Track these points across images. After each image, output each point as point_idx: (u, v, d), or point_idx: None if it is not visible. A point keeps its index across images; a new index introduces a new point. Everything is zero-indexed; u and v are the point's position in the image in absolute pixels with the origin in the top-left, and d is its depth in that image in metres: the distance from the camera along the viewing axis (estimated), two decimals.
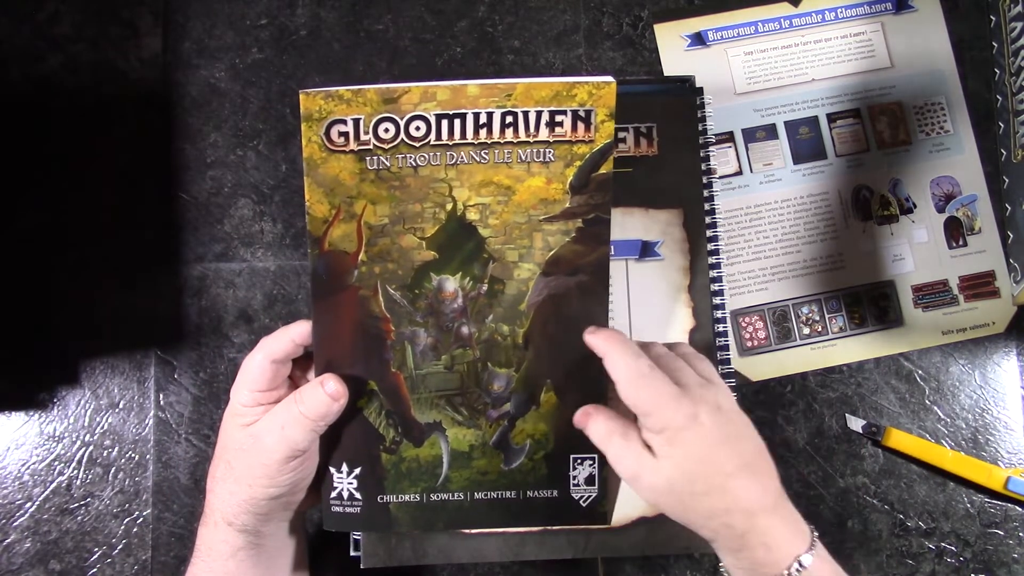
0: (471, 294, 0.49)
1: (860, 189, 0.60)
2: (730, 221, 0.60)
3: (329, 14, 0.61)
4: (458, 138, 0.46)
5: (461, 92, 0.45)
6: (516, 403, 0.50)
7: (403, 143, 0.46)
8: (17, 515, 0.56)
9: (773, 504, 0.43)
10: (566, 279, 0.49)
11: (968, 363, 0.59)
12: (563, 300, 0.49)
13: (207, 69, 0.60)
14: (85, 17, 0.60)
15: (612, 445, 0.45)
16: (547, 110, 0.46)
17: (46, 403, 0.57)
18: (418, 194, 0.47)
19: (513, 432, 0.50)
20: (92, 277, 0.58)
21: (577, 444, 0.47)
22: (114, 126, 0.59)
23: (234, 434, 0.45)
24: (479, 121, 0.46)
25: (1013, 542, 0.57)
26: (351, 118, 0.45)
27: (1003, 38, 0.60)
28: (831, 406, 0.58)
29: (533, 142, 0.47)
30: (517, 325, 0.49)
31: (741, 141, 0.60)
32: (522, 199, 0.48)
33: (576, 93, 0.46)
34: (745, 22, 0.62)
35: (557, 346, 0.49)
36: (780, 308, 0.59)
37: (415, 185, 0.47)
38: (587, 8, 0.61)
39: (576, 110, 0.47)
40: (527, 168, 0.47)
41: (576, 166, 0.48)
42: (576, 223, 0.48)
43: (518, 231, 0.48)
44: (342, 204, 0.47)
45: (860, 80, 0.61)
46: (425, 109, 0.45)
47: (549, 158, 0.47)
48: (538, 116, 0.46)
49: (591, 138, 0.47)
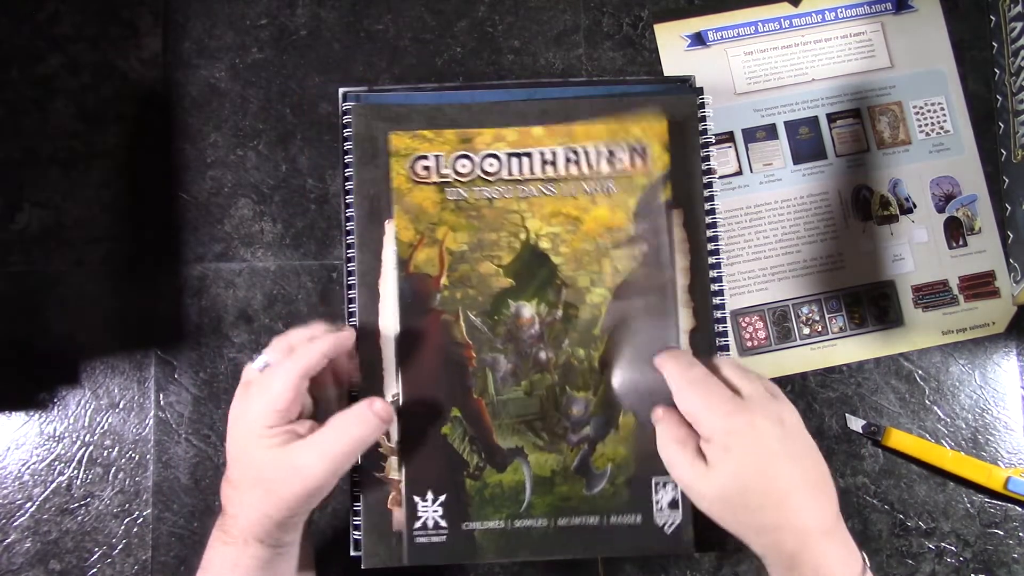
0: (547, 320, 0.52)
1: (860, 189, 0.60)
2: (730, 221, 0.60)
3: (329, 14, 0.61)
4: (527, 174, 0.52)
5: (527, 134, 0.52)
6: (595, 426, 0.51)
7: (479, 177, 0.52)
8: (17, 515, 0.56)
9: (829, 528, 0.41)
10: (636, 302, 0.51)
11: (968, 363, 0.59)
12: (635, 323, 0.51)
13: (207, 69, 0.60)
14: (85, 17, 0.60)
15: (667, 450, 0.45)
16: (606, 148, 0.52)
17: (46, 403, 0.57)
18: (494, 224, 0.52)
19: (594, 456, 0.51)
20: (92, 277, 0.58)
21: (659, 467, 0.47)
22: (114, 126, 0.59)
23: (266, 459, 0.42)
24: (545, 158, 0.52)
25: (1013, 542, 0.57)
26: (433, 154, 0.52)
27: (1003, 38, 0.60)
28: (831, 406, 0.58)
29: (595, 176, 0.52)
30: (592, 349, 0.51)
31: (741, 141, 0.60)
32: (589, 228, 0.52)
33: (631, 129, 0.52)
34: (745, 22, 0.62)
35: (632, 368, 0.51)
36: (780, 308, 0.59)
37: (491, 216, 0.52)
38: (587, 8, 0.61)
39: (633, 145, 0.52)
40: (592, 199, 0.52)
41: (637, 196, 0.52)
42: (642, 248, 0.52)
43: (588, 257, 0.52)
44: (426, 230, 0.51)
45: (860, 80, 0.61)
46: (497, 148, 0.52)
47: (612, 190, 0.52)
48: (598, 153, 0.52)
49: (648, 170, 0.52)
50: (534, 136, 0.52)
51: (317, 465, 0.42)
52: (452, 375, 0.50)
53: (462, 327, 0.51)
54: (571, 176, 0.52)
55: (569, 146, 0.52)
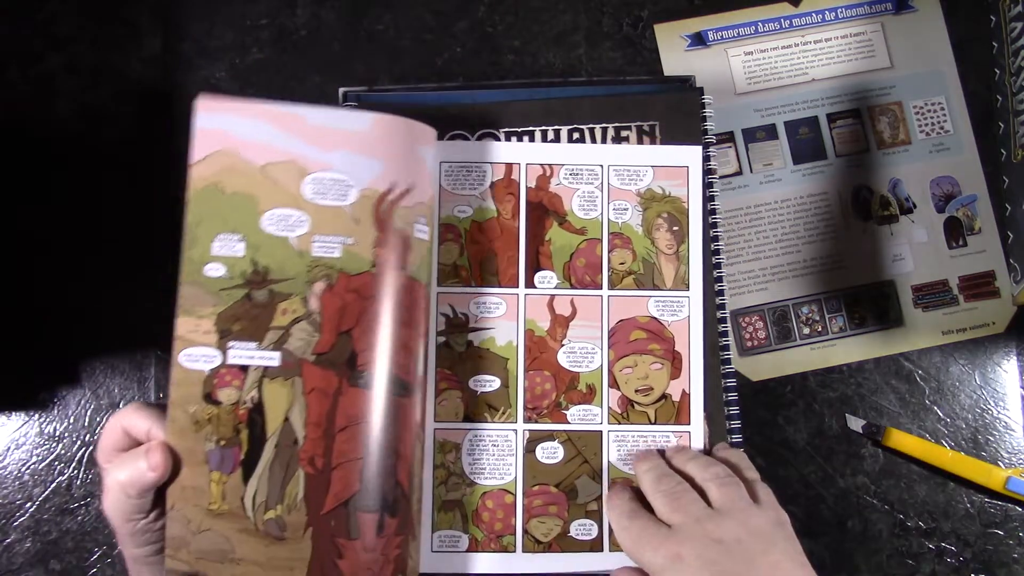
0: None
1: (860, 189, 0.60)
2: (730, 221, 0.60)
3: (329, 14, 0.61)
4: None
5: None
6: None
7: None
8: (17, 515, 0.56)
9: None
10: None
11: (968, 363, 0.59)
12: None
13: (207, 69, 0.60)
14: (85, 17, 0.60)
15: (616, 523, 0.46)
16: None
17: (46, 403, 0.57)
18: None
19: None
20: (92, 277, 0.58)
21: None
22: (114, 126, 0.59)
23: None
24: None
25: (1013, 542, 0.57)
26: None
27: (1003, 38, 0.60)
28: (831, 406, 0.58)
29: None
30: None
31: (741, 141, 0.60)
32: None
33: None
34: (745, 22, 0.62)
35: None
36: (780, 308, 0.59)
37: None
38: (587, 8, 0.61)
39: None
40: None
41: None
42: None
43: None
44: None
45: (860, 80, 0.61)
46: None
47: None
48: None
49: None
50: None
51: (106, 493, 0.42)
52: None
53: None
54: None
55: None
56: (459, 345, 0.51)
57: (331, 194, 0.44)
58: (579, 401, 0.51)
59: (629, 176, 0.52)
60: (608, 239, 0.52)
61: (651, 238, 0.52)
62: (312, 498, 0.42)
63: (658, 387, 0.51)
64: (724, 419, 0.51)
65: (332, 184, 0.44)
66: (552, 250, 0.52)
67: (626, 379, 0.51)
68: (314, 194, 0.44)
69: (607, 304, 0.52)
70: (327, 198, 0.44)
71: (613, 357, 0.51)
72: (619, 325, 0.52)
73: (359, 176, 0.44)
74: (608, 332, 0.52)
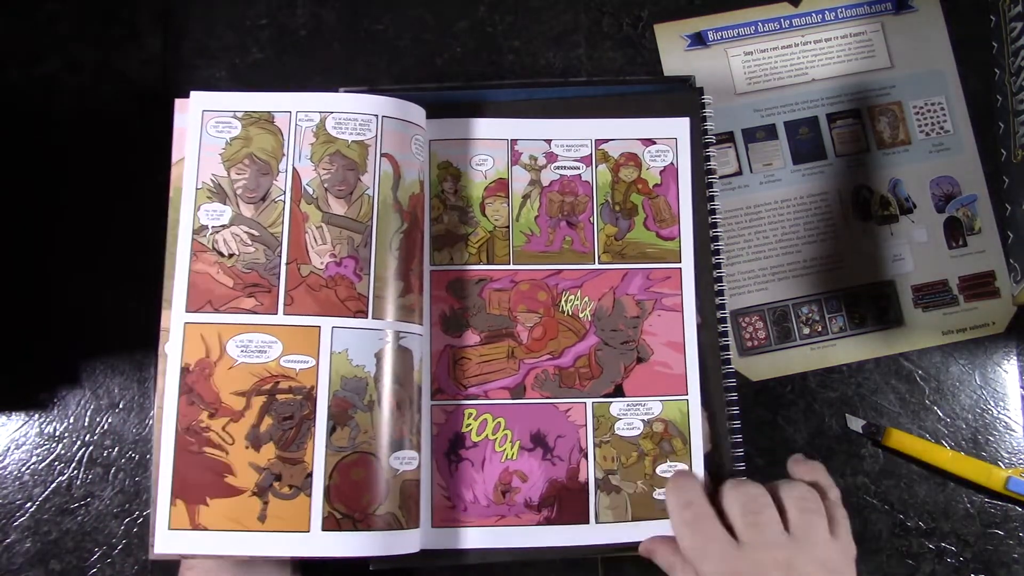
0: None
1: (860, 189, 0.60)
2: (730, 221, 0.60)
3: (329, 14, 0.61)
4: None
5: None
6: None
7: None
8: (17, 515, 0.56)
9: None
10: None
11: (968, 363, 0.59)
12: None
13: (207, 69, 0.60)
14: (85, 17, 0.60)
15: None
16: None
17: (46, 403, 0.57)
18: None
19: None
20: (92, 277, 0.58)
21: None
22: (114, 126, 0.59)
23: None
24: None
25: (1013, 542, 0.57)
26: None
27: (1003, 38, 0.60)
28: (831, 406, 0.58)
29: None
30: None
31: (741, 141, 0.60)
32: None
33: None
34: (745, 22, 0.62)
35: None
36: (780, 308, 0.59)
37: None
38: (587, 8, 0.61)
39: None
40: None
41: None
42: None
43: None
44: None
45: (860, 80, 0.61)
46: None
47: None
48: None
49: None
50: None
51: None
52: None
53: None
54: None
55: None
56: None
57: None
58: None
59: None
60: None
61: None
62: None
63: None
64: (724, 419, 0.51)
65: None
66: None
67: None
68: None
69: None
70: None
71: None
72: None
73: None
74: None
